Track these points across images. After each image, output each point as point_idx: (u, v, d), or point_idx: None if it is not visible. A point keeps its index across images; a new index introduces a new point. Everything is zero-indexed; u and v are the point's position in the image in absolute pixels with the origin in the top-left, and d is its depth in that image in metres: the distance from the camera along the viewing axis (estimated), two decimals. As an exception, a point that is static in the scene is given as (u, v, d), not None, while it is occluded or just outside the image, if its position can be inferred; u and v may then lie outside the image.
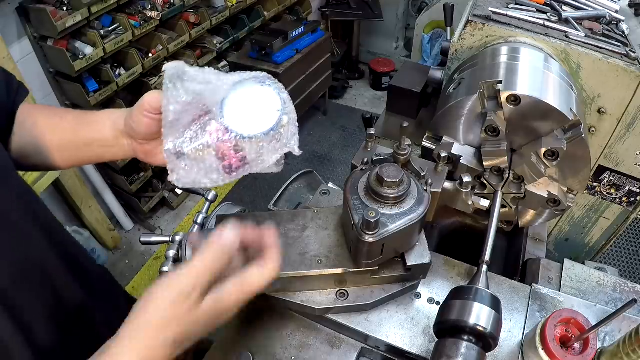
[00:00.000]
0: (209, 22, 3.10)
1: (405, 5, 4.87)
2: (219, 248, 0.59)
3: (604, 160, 1.28)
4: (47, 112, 0.86)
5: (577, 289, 1.03)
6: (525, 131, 0.98)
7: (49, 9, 2.16)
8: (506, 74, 0.99)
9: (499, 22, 1.19)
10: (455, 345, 0.73)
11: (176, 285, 0.57)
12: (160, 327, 0.56)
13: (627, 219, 1.41)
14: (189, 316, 0.57)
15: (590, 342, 0.78)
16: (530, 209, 1.08)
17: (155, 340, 0.56)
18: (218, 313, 0.60)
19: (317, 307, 0.87)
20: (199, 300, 0.57)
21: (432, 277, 0.98)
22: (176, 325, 0.56)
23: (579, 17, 1.27)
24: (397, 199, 0.80)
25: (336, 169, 3.97)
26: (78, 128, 0.81)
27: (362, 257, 0.82)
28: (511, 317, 0.92)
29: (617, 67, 1.08)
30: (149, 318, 0.56)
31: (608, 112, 1.16)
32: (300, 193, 1.26)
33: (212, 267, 0.58)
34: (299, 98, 3.78)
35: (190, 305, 0.57)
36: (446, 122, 1.04)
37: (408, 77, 1.60)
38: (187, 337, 0.59)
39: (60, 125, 0.83)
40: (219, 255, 0.59)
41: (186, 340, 0.59)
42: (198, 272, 0.58)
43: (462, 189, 0.98)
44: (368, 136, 0.94)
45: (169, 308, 0.56)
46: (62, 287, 0.79)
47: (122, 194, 3.14)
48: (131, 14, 2.60)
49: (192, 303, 0.57)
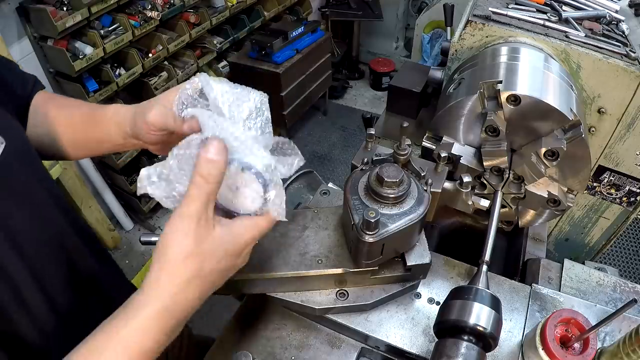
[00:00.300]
0: (209, 22, 3.10)
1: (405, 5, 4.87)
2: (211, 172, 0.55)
3: (604, 160, 1.28)
4: (60, 103, 0.90)
5: (577, 289, 1.03)
6: (525, 131, 0.98)
7: (49, 9, 2.16)
8: (506, 74, 0.99)
9: (499, 22, 1.19)
10: (455, 345, 0.73)
11: (184, 217, 0.56)
12: (180, 261, 0.55)
13: (627, 219, 1.41)
14: (205, 244, 0.56)
15: (590, 342, 0.78)
16: (530, 209, 1.08)
17: (179, 277, 0.55)
18: (231, 246, 0.60)
19: (317, 307, 0.87)
20: (208, 225, 0.57)
21: (432, 277, 0.98)
22: (196, 255, 0.56)
23: (579, 17, 1.27)
24: (397, 199, 0.80)
25: (336, 169, 3.97)
26: (87, 127, 0.85)
27: (362, 257, 0.82)
28: (511, 317, 0.92)
29: (617, 67, 1.08)
30: (168, 257, 0.56)
31: (608, 112, 1.16)
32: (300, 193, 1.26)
33: (209, 192, 0.56)
34: (299, 98, 3.79)
35: (202, 233, 0.56)
36: (446, 122, 1.04)
37: (408, 77, 1.61)
38: (209, 272, 0.58)
39: (71, 120, 0.88)
40: (212, 178, 0.56)
41: (209, 276, 0.58)
42: (198, 200, 0.56)
43: (462, 189, 0.98)
44: (368, 136, 0.94)
45: (183, 240, 0.55)
46: (78, 259, 0.85)
47: (122, 194, 3.14)
48: (131, 14, 2.60)
49: (203, 230, 0.56)
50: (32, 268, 0.72)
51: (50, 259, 0.77)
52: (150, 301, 0.55)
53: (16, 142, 0.73)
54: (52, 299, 0.76)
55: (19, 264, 0.69)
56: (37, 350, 0.73)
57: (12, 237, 0.69)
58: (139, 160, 2.99)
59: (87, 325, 0.56)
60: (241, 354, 0.88)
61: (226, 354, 0.90)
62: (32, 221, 0.74)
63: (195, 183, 0.55)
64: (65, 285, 0.80)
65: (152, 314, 0.54)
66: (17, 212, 0.71)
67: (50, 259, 0.78)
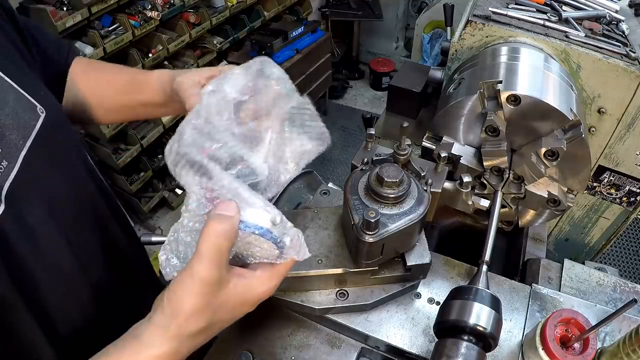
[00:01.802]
0: (209, 22, 3.10)
1: (405, 5, 4.87)
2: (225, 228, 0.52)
3: (604, 160, 1.28)
4: (98, 67, 0.94)
5: (577, 289, 1.03)
6: (525, 131, 0.98)
7: (49, 9, 2.16)
8: (506, 74, 0.99)
9: (499, 22, 1.19)
10: (455, 345, 0.73)
11: (194, 277, 0.53)
12: (190, 316, 0.53)
13: (627, 219, 1.41)
14: (218, 298, 0.54)
15: (590, 342, 0.78)
16: (530, 209, 1.08)
17: (188, 330, 0.54)
18: (249, 296, 0.58)
19: (317, 307, 0.87)
20: (221, 282, 0.54)
21: (432, 277, 0.98)
22: (206, 310, 0.54)
23: (579, 17, 1.27)
24: (397, 199, 0.80)
25: (336, 169, 3.97)
26: (130, 90, 0.89)
27: (362, 257, 0.82)
28: (511, 317, 0.92)
29: (617, 67, 1.08)
30: (177, 314, 0.54)
31: (608, 112, 1.16)
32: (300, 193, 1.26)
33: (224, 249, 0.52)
34: (299, 98, 3.78)
35: (214, 289, 0.53)
36: (446, 122, 1.04)
37: (408, 77, 1.61)
38: (219, 321, 0.57)
39: (113, 84, 0.91)
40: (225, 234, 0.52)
41: (218, 324, 0.58)
42: (207, 258, 0.53)
43: (462, 189, 0.98)
44: (368, 136, 0.94)
45: (192, 299, 0.53)
46: (109, 230, 0.87)
47: (122, 194, 3.13)
48: (131, 14, 2.60)
49: (215, 287, 0.53)
50: (67, 236, 0.73)
51: (84, 226, 0.79)
52: (157, 342, 0.54)
53: (54, 112, 0.73)
54: (89, 271, 0.78)
55: (54, 231, 0.70)
56: (71, 319, 0.74)
57: (51, 206, 0.69)
58: (139, 160, 2.99)
59: (116, 295, 0.56)
60: (241, 354, 0.89)
61: (226, 354, 0.90)
62: (69, 190, 0.75)
63: (207, 240, 0.51)
64: (96, 252, 0.82)
65: (160, 354, 0.54)
66: (56, 181, 0.72)
67: (84, 227, 0.79)
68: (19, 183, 0.63)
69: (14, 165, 0.63)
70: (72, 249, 0.73)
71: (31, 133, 0.66)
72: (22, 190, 0.63)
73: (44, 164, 0.69)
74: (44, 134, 0.68)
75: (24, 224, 0.64)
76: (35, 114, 0.68)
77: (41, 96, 0.71)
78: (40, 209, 0.67)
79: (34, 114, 0.67)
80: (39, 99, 0.69)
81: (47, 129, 0.69)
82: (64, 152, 0.77)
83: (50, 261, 0.70)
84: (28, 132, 0.66)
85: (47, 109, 0.70)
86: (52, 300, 0.70)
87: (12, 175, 0.62)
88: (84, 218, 0.79)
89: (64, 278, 0.73)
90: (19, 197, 0.63)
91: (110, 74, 0.94)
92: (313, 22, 3.88)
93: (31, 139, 0.66)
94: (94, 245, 0.81)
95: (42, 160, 0.68)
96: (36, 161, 0.66)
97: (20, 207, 0.63)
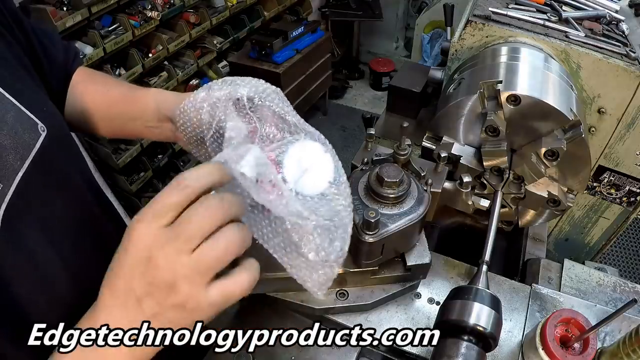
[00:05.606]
0: (209, 22, 3.10)
1: (405, 5, 4.87)
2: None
3: (604, 160, 1.28)
4: (98, 79, 0.91)
5: (577, 289, 1.03)
6: (525, 131, 0.98)
7: (49, 9, 2.16)
8: (506, 74, 0.99)
9: (499, 22, 1.19)
10: (455, 345, 0.73)
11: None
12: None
13: (627, 219, 1.40)
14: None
15: (590, 342, 0.78)
16: (530, 209, 1.08)
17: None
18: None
19: (317, 307, 0.87)
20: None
21: (432, 277, 0.98)
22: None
23: (579, 17, 1.27)
24: (397, 199, 0.80)
25: (336, 169, 3.96)
26: (125, 101, 0.86)
27: (362, 257, 0.82)
28: (511, 317, 0.92)
29: (617, 67, 1.08)
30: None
31: (608, 112, 1.16)
32: (300, 193, 1.26)
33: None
34: (299, 98, 3.78)
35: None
36: (446, 122, 1.04)
37: (408, 77, 1.61)
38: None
39: (108, 95, 0.88)
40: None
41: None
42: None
43: (462, 189, 0.98)
44: (368, 136, 0.94)
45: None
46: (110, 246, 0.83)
47: (122, 194, 3.13)
48: (131, 14, 2.60)
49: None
50: (67, 260, 0.69)
51: (85, 250, 0.75)
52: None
53: (57, 127, 0.71)
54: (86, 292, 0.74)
55: (54, 256, 0.67)
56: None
57: (50, 229, 0.67)
58: (139, 160, 2.99)
59: None
60: (241, 354, 0.88)
61: (226, 354, 0.90)
62: (70, 213, 0.73)
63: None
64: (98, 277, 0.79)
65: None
66: (57, 204, 0.70)
67: (86, 250, 0.76)
68: (15, 205, 0.60)
69: (9, 188, 0.60)
70: (72, 274, 0.71)
71: (30, 153, 0.64)
72: (19, 213, 0.61)
73: (43, 185, 0.67)
74: (44, 153, 0.66)
75: (21, 248, 0.62)
76: (36, 132, 0.65)
77: (43, 112, 0.69)
78: (39, 232, 0.65)
79: (34, 132, 0.65)
80: (41, 116, 0.67)
81: (48, 149, 0.67)
82: (66, 172, 0.74)
83: (49, 287, 0.67)
84: (27, 152, 0.63)
85: (48, 127, 0.67)
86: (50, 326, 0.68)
87: (7, 197, 0.60)
88: (86, 241, 0.76)
89: (63, 303, 0.70)
90: (15, 220, 0.61)
91: (109, 85, 0.91)
92: (313, 22, 3.88)
93: (29, 159, 0.63)
94: (95, 270, 0.78)
95: (41, 181, 0.66)
96: (34, 182, 0.64)
97: (17, 231, 0.61)
